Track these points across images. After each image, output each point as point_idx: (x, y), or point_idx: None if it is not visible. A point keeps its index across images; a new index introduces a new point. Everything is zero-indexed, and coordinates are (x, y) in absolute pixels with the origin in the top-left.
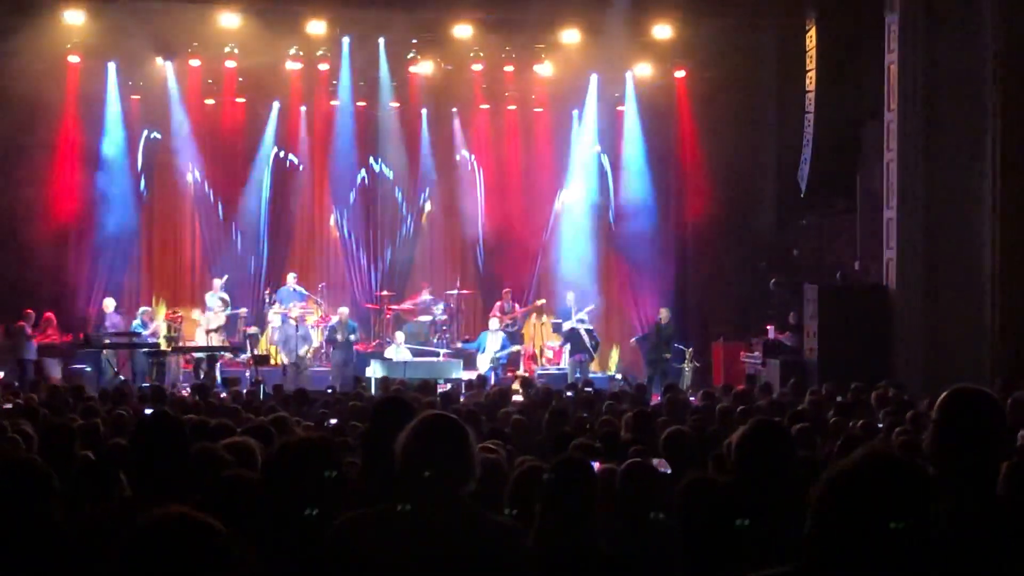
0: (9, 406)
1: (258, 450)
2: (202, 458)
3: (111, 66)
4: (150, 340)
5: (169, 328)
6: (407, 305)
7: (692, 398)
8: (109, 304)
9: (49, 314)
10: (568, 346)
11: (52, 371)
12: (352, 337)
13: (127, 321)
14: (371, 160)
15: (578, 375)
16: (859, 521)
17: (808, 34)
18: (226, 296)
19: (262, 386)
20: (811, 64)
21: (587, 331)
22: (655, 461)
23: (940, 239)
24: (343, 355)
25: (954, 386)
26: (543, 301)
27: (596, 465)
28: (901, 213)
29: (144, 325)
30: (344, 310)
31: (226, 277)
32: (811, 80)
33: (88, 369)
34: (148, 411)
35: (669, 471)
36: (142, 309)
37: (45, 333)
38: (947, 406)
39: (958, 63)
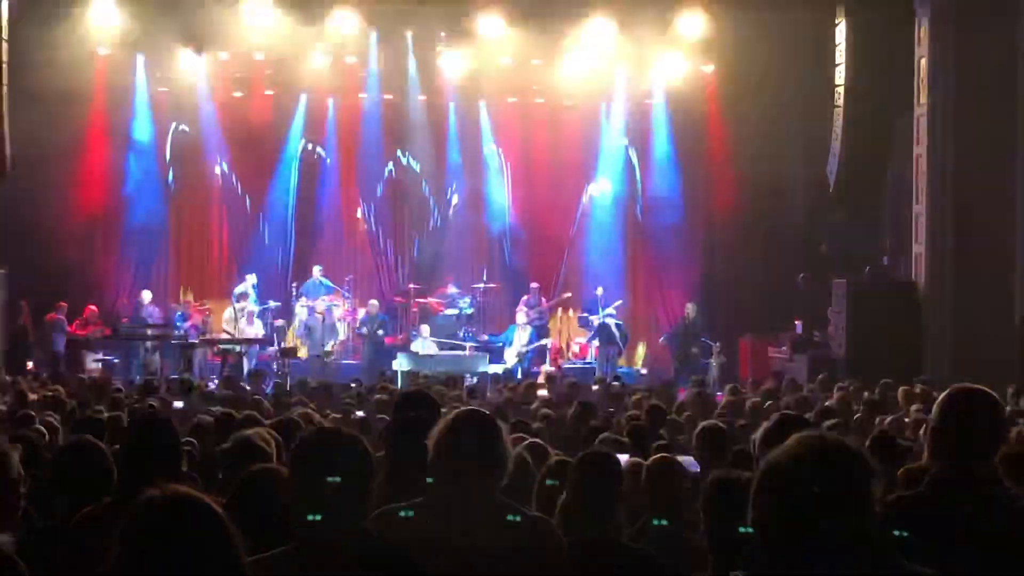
0: (35, 397)
1: (275, 444)
2: (236, 450)
3: (140, 58)
4: (190, 332)
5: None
6: (434, 299)
7: (719, 393)
8: (146, 296)
9: (92, 307)
10: (597, 340)
11: (88, 362)
12: (380, 332)
13: (164, 312)
14: (398, 153)
15: (607, 369)
16: (793, 506)
17: (837, 28)
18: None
19: (288, 378)
20: (840, 58)
21: (616, 325)
22: (682, 459)
23: (969, 234)
24: (372, 348)
25: (955, 385)
26: (569, 295)
27: (624, 458)
28: (930, 208)
29: (184, 317)
30: (374, 303)
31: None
32: (840, 74)
33: (117, 360)
34: (177, 404)
35: (698, 469)
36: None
37: (88, 326)
38: (946, 405)
39: (989, 58)
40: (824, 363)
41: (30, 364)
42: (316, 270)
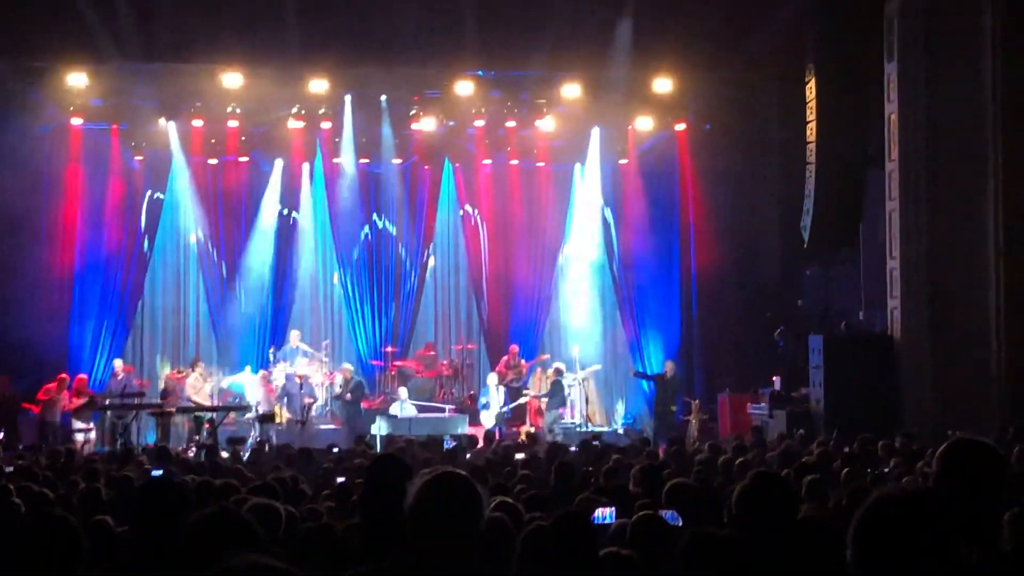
0: (11, 469)
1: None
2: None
3: (114, 127)
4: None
5: (167, 388)
6: (411, 361)
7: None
8: (118, 364)
9: (83, 376)
10: (548, 397)
11: (80, 433)
12: (349, 397)
13: (133, 381)
14: (374, 217)
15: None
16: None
17: (808, 85)
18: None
19: (266, 445)
20: (811, 115)
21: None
22: (665, 513)
23: (944, 287)
24: (350, 412)
25: (955, 437)
26: (547, 355)
27: (610, 511)
28: (904, 262)
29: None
30: (348, 367)
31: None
32: (812, 131)
33: (93, 431)
34: (154, 472)
35: (680, 522)
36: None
37: (79, 396)
38: (948, 457)
39: (958, 111)
40: (803, 418)
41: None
42: (294, 335)
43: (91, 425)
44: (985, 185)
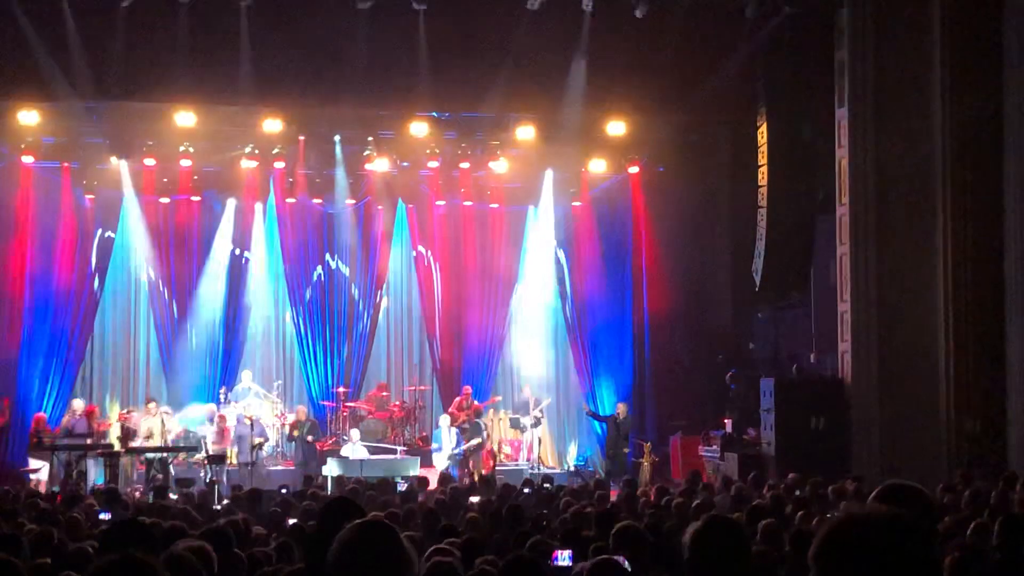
0: None
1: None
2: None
3: (66, 166)
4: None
5: (122, 428)
6: (363, 402)
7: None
8: (78, 405)
9: (41, 415)
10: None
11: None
12: (310, 437)
13: (91, 422)
14: (327, 257)
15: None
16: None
17: (759, 129)
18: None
19: (217, 487)
20: (763, 159)
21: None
22: (618, 557)
23: (894, 331)
24: (304, 454)
25: (886, 482)
26: (500, 397)
27: (568, 553)
28: (855, 306)
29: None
30: (302, 408)
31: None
32: (763, 175)
33: (39, 471)
34: (103, 514)
35: (628, 568)
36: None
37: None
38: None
39: (908, 156)
40: (754, 461)
41: None
42: (246, 375)
43: (41, 465)
44: (934, 230)
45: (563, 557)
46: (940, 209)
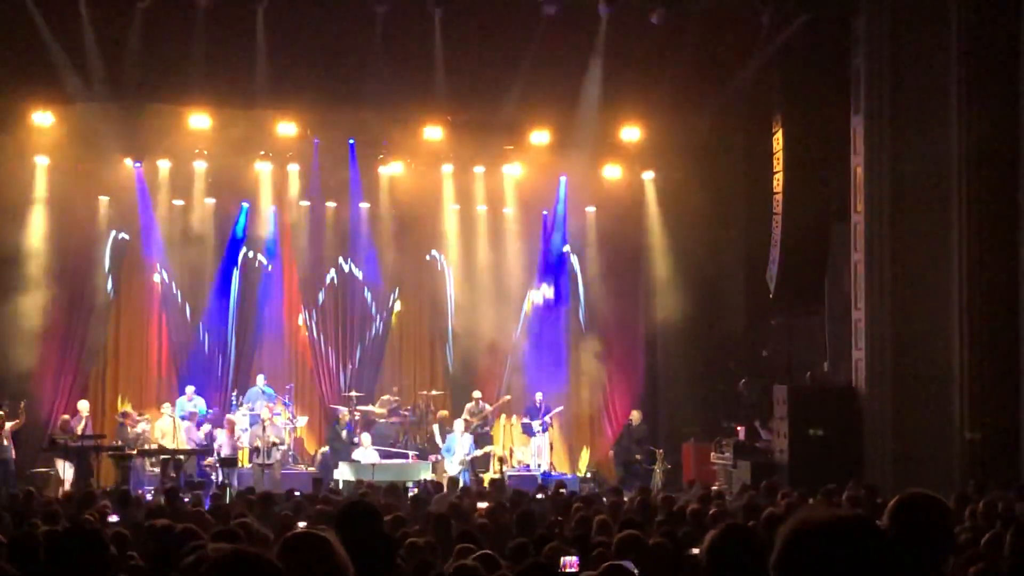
0: None
1: None
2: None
3: (80, 167)
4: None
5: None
6: (375, 406)
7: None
8: (83, 407)
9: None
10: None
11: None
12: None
13: (97, 424)
14: (340, 260)
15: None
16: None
17: (775, 136)
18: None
19: (228, 489)
20: (778, 166)
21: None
22: (625, 562)
23: (908, 340)
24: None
25: (906, 491)
26: (508, 397)
27: (575, 559)
28: (869, 314)
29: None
30: (344, 410)
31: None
32: (778, 182)
33: (52, 472)
34: (113, 517)
35: (636, 573)
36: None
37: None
38: (897, 512)
39: (924, 164)
40: (767, 468)
41: None
42: (260, 379)
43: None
44: (949, 238)
45: (570, 563)
46: (955, 217)
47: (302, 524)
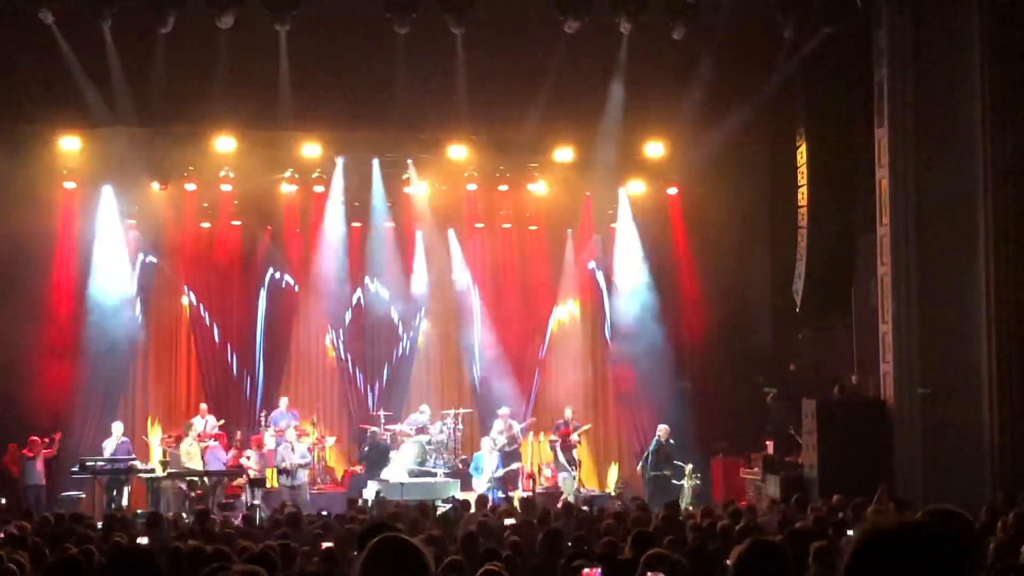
0: (1, 535)
1: None
2: None
3: (106, 191)
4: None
5: (164, 453)
6: (404, 426)
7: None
8: (117, 428)
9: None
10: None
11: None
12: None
13: (134, 447)
14: (366, 280)
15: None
16: None
17: (799, 149)
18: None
19: (258, 510)
20: (803, 179)
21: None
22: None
23: (937, 352)
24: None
25: (928, 507)
26: (534, 419)
27: (598, 571)
28: (897, 327)
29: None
30: (373, 429)
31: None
32: (803, 195)
33: (83, 496)
34: (142, 539)
35: None
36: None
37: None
38: None
39: (949, 175)
40: (796, 483)
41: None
42: (283, 401)
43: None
44: (976, 249)
45: (592, 573)
46: (982, 228)
47: (327, 544)
